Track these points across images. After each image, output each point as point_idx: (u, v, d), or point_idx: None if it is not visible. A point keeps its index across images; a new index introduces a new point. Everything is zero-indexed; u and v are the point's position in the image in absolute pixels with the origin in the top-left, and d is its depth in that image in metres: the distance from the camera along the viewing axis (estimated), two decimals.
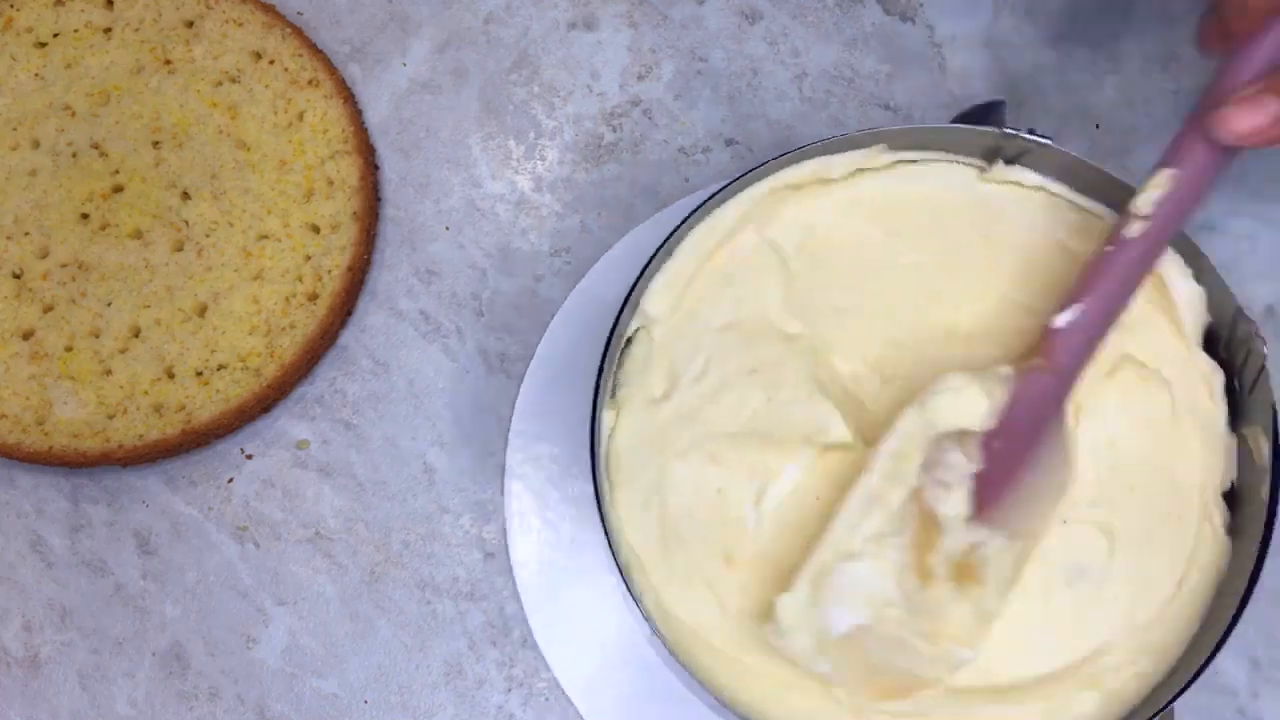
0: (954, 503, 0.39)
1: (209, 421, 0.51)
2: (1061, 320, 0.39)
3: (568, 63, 0.56)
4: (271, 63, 0.55)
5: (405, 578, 0.51)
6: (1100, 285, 0.39)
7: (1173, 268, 0.43)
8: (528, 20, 0.57)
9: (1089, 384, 0.41)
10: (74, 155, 0.54)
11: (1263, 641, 0.49)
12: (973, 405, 0.39)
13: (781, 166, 0.43)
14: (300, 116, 0.54)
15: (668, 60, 0.56)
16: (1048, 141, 0.43)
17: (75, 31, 0.55)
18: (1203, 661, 0.39)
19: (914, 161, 0.44)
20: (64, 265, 0.53)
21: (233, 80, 0.55)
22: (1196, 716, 0.48)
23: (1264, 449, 0.41)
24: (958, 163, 0.44)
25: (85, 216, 0.53)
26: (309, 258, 0.53)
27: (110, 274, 0.53)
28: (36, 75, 0.55)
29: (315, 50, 0.55)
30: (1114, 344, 0.42)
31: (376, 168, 0.55)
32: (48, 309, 0.52)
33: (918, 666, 0.39)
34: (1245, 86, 0.37)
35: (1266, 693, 0.49)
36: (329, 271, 0.52)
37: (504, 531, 0.51)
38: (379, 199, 0.55)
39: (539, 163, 0.55)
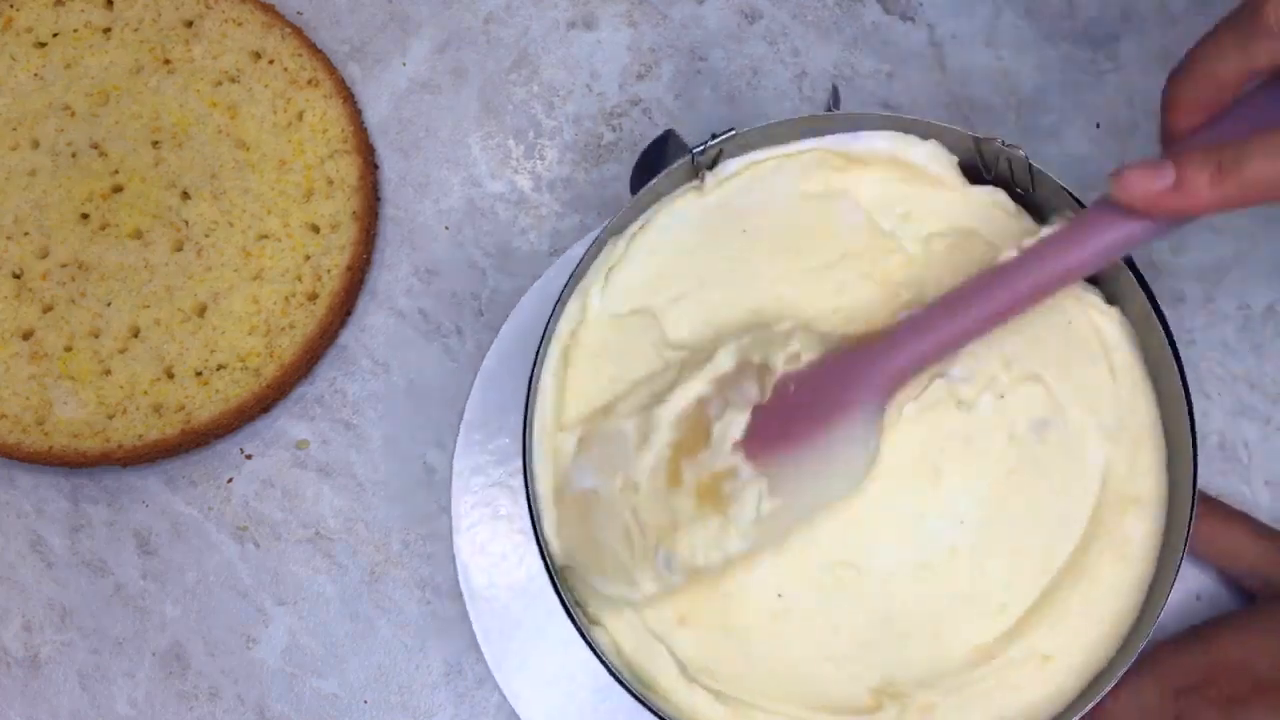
0: (727, 422, 0.39)
1: (209, 421, 0.51)
2: (903, 315, 0.40)
3: (567, 62, 0.56)
4: (271, 62, 0.55)
5: (405, 578, 0.51)
6: (954, 300, 0.39)
7: (896, 145, 0.44)
8: (528, 20, 0.57)
9: (924, 275, 0.42)
10: (74, 155, 0.54)
11: None
12: (784, 346, 0.40)
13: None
14: (300, 116, 0.54)
15: (668, 60, 0.56)
16: (731, 132, 0.43)
17: (75, 31, 0.55)
18: (1190, 430, 0.40)
19: (641, 228, 0.44)
20: (64, 265, 0.53)
21: (232, 80, 0.55)
22: None
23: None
24: (675, 202, 0.44)
25: (85, 216, 0.53)
26: (309, 257, 0.53)
27: (110, 274, 0.53)
28: (36, 75, 0.55)
29: (315, 50, 0.55)
30: (910, 236, 0.43)
31: (376, 167, 0.55)
32: (47, 309, 0.52)
33: (624, 547, 0.40)
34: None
35: None
36: (329, 271, 0.52)
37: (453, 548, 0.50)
38: (379, 198, 0.55)
39: (539, 162, 0.55)
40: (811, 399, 0.40)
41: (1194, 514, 0.39)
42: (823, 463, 0.39)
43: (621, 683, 0.39)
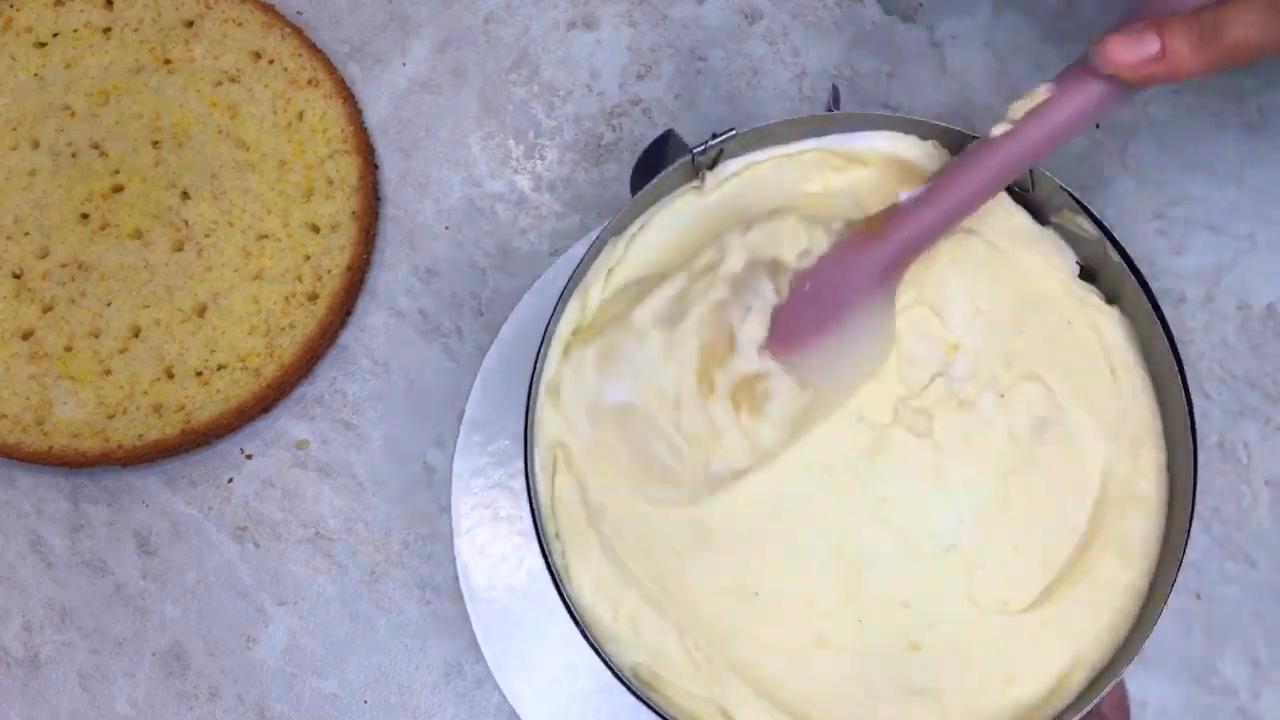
0: (750, 327, 0.41)
1: (209, 421, 0.51)
2: (904, 196, 0.40)
3: (567, 62, 0.56)
4: (271, 62, 0.55)
5: (405, 578, 0.51)
6: (951, 175, 0.40)
7: (895, 145, 0.44)
8: (528, 20, 0.57)
9: (925, 276, 0.42)
10: (74, 155, 0.54)
11: (1263, 641, 0.49)
12: (792, 240, 0.41)
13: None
14: (300, 116, 0.54)
15: (668, 60, 0.56)
16: (731, 132, 0.43)
17: (75, 31, 0.55)
18: (1190, 430, 0.40)
19: (641, 228, 0.44)
20: (64, 265, 0.53)
21: (232, 80, 0.55)
22: (1197, 717, 0.48)
23: (1082, 221, 0.42)
24: (675, 202, 0.45)
25: (85, 216, 0.53)
26: (309, 257, 0.53)
27: (110, 274, 0.53)
28: (36, 75, 0.55)
29: (315, 50, 0.55)
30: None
31: (376, 167, 0.55)
32: (48, 309, 0.52)
33: (672, 461, 0.41)
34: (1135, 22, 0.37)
35: (1267, 693, 0.49)
36: (329, 271, 0.52)
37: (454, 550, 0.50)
38: (379, 198, 0.55)
39: (539, 162, 0.55)
40: (827, 290, 0.41)
41: (1193, 513, 0.39)
42: (845, 349, 0.41)
43: (623, 681, 0.39)
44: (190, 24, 0.55)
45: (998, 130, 0.39)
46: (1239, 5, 0.35)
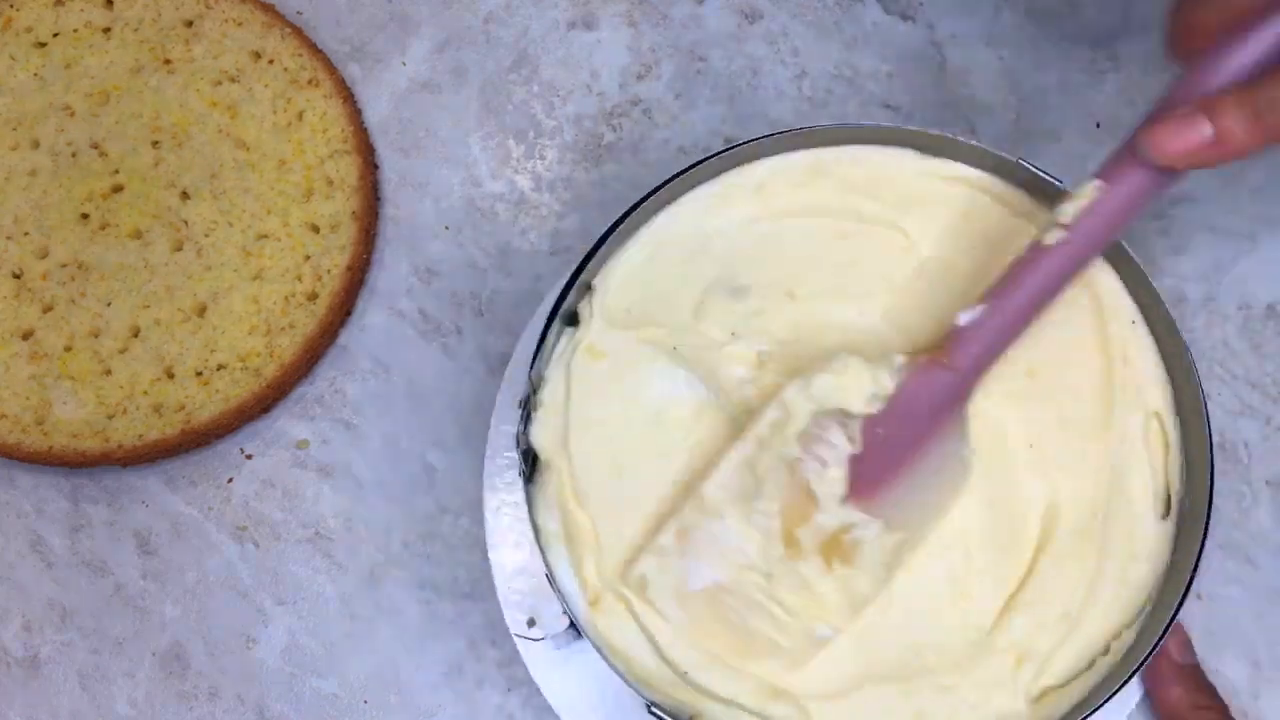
0: (829, 481, 0.40)
1: (209, 421, 0.51)
2: (964, 318, 0.39)
3: (567, 62, 0.56)
4: (271, 62, 0.55)
5: (405, 578, 0.51)
6: (1010, 288, 0.39)
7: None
8: (527, 20, 0.57)
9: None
10: (74, 155, 0.54)
11: (1263, 641, 0.49)
12: (858, 387, 0.40)
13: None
14: (300, 116, 0.54)
15: (667, 60, 0.56)
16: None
17: (75, 31, 0.55)
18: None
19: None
20: (64, 265, 0.53)
21: (232, 80, 0.55)
22: None
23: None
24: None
25: (85, 216, 0.53)
26: (308, 257, 0.53)
27: (110, 274, 0.53)
28: (36, 75, 0.55)
29: (315, 50, 0.55)
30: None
31: (376, 167, 0.55)
32: (47, 309, 0.52)
33: (776, 633, 0.40)
34: (1182, 105, 0.36)
35: (1267, 693, 0.49)
36: (328, 271, 0.52)
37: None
38: (379, 198, 0.55)
39: (539, 162, 0.55)
40: (902, 430, 0.40)
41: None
42: (926, 484, 0.40)
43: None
44: (190, 24, 0.55)
45: (1051, 238, 0.38)
46: None
